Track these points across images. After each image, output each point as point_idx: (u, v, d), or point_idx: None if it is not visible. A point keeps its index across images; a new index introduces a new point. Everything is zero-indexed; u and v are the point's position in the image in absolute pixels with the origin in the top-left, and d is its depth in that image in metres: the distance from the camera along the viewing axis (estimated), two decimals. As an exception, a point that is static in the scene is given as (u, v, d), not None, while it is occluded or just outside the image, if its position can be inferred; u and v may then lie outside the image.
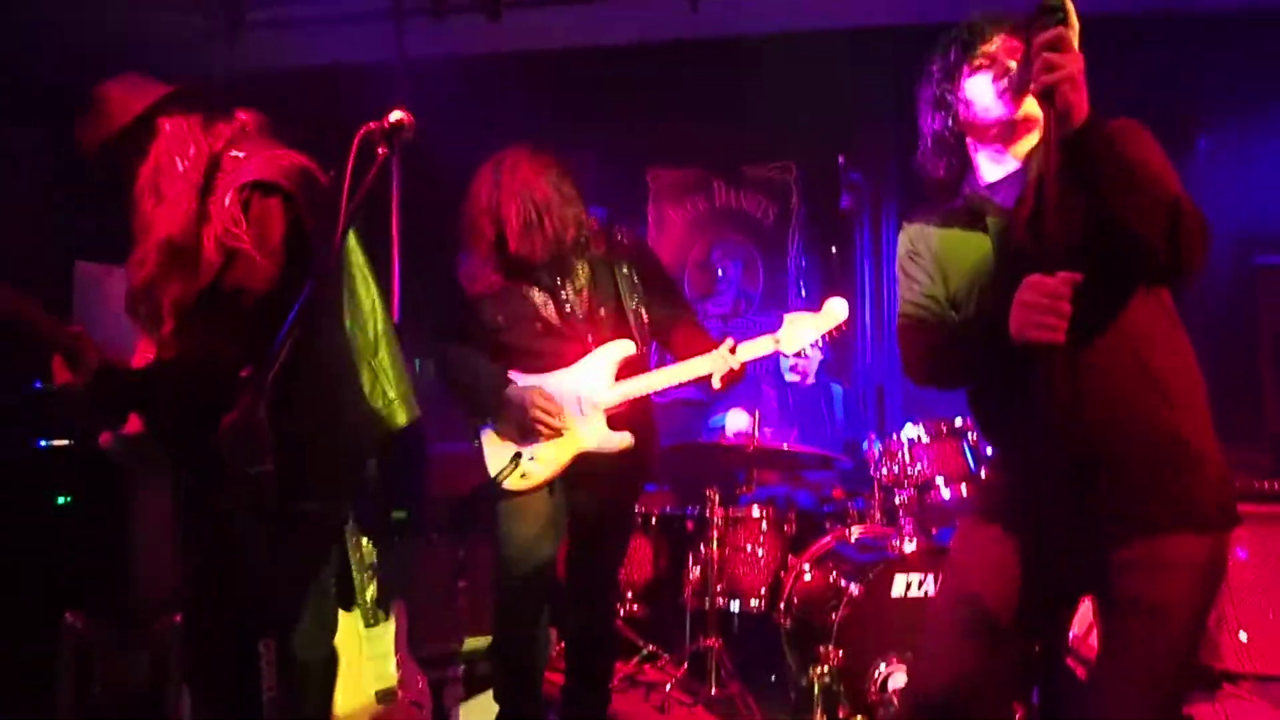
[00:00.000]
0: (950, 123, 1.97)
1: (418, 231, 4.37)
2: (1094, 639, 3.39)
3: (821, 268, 5.03)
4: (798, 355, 4.22)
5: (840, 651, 2.99)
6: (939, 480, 3.37)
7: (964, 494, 3.37)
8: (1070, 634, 3.32)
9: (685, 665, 3.59)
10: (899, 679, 2.95)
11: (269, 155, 2.05)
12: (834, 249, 5.01)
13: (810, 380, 4.40)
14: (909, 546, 3.11)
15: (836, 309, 2.68)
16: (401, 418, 2.16)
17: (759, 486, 3.85)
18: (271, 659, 1.54)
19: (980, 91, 1.91)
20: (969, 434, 3.46)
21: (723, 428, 4.14)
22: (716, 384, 2.66)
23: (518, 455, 2.73)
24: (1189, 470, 1.72)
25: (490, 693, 3.23)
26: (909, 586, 3.05)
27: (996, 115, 1.89)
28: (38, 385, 2.96)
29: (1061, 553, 1.77)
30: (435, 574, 3.57)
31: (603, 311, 2.78)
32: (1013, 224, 1.85)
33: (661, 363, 2.80)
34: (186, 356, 1.89)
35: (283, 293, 1.84)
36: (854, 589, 3.03)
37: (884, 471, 3.43)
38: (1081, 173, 1.66)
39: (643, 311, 2.82)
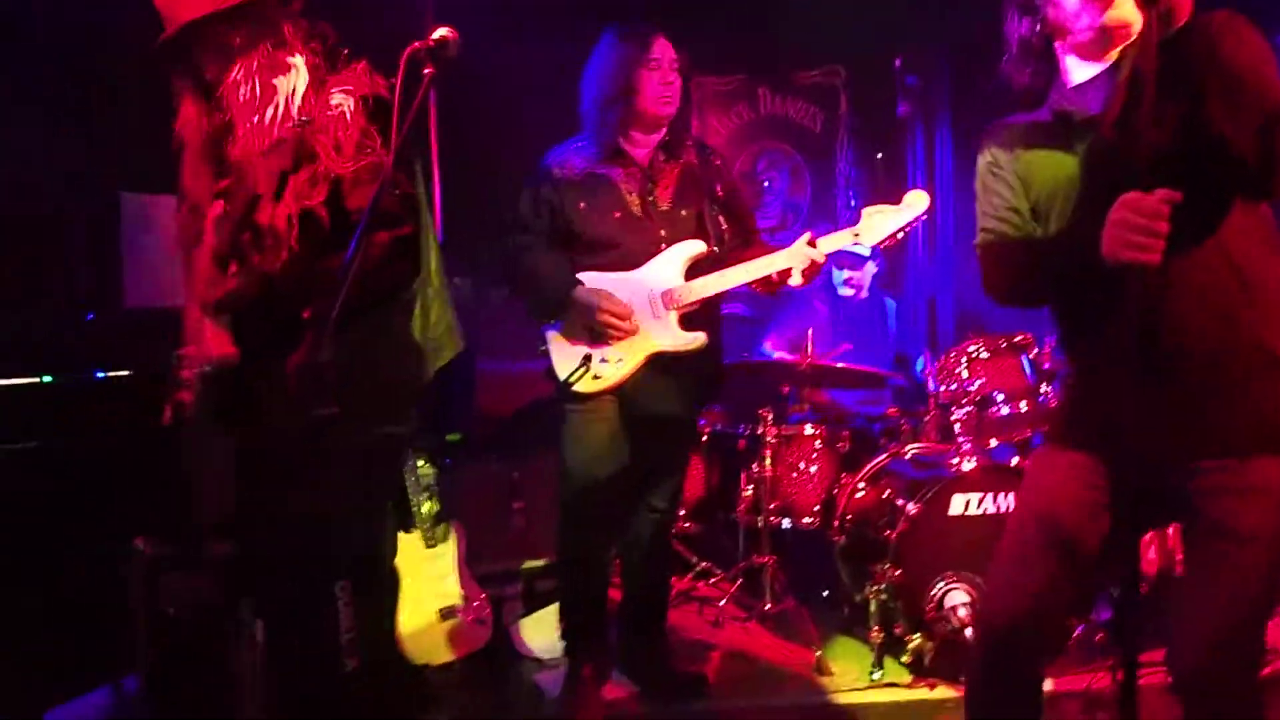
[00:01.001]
0: (1038, 26, 1.85)
1: (454, 144, 4.29)
2: (1152, 554, 3.36)
3: (871, 177, 4.87)
4: (855, 268, 4.19)
5: (898, 569, 2.98)
6: (998, 396, 3.30)
7: (1023, 410, 3.31)
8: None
9: (739, 581, 3.62)
10: (956, 596, 2.95)
11: (367, 72, 1.98)
12: (880, 154, 4.85)
13: (864, 294, 4.30)
14: (967, 465, 3.06)
15: (916, 201, 2.61)
16: (450, 348, 2.13)
17: (810, 406, 3.80)
18: (349, 601, 1.54)
19: None
20: (1029, 349, 3.38)
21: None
22: (797, 279, 2.63)
23: (588, 356, 2.71)
24: None
25: (551, 608, 3.29)
26: (967, 505, 3.01)
27: (1088, 19, 1.77)
28: (90, 317, 2.96)
29: (1146, 476, 1.72)
30: (490, 495, 3.60)
31: (683, 212, 2.79)
32: (1101, 125, 1.75)
33: None
34: (319, 274, 1.82)
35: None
36: (911, 507, 3.00)
37: (941, 389, 3.36)
38: (1179, 76, 1.56)
39: (721, 219, 2.82)
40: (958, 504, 3.02)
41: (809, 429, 3.65)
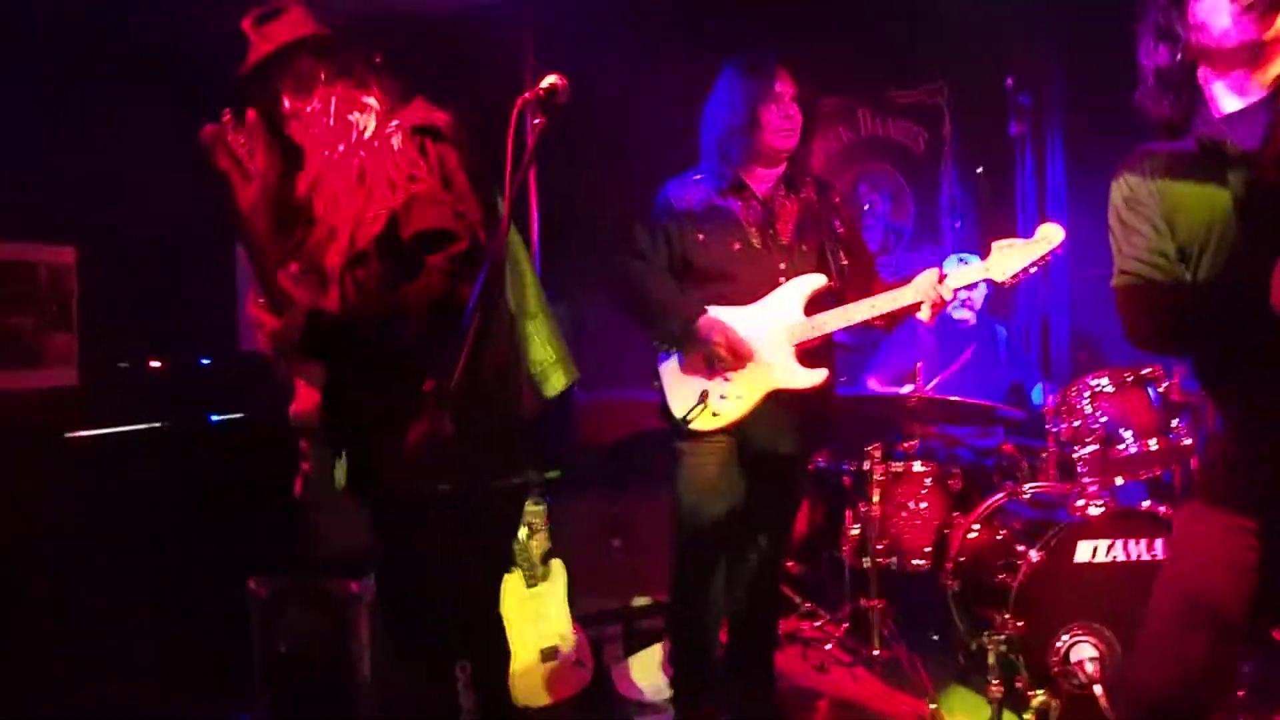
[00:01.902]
0: (1179, 54, 1.72)
1: (549, 167, 4.29)
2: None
3: (976, 199, 4.68)
4: (970, 289, 4.03)
5: (1019, 620, 2.82)
6: (1125, 433, 3.10)
7: (1152, 448, 3.10)
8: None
9: (845, 625, 3.49)
10: (1084, 650, 2.77)
11: (423, 106, 1.99)
12: (980, 169, 4.67)
13: (974, 320, 4.14)
14: (1094, 509, 2.88)
15: (1051, 234, 2.49)
16: (560, 381, 2.09)
17: (920, 442, 3.65)
18: (468, 682, 1.52)
19: (1217, 12, 1.65)
20: (1158, 382, 3.17)
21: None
22: (925, 315, 2.55)
23: (705, 393, 2.67)
24: None
25: (654, 648, 3.24)
26: (1094, 551, 2.84)
27: (1239, 39, 1.63)
28: (204, 361, 3.04)
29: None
30: (590, 532, 3.56)
31: (804, 247, 2.75)
32: (1261, 162, 1.61)
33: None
34: (379, 302, 1.85)
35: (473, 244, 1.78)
36: (1034, 554, 2.84)
37: (1063, 425, 3.18)
38: None
39: (841, 254, 2.77)
40: (1084, 551, 2.84)
41: (918, 466, 3.51)
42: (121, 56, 2.94)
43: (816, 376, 2.65)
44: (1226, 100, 1.71)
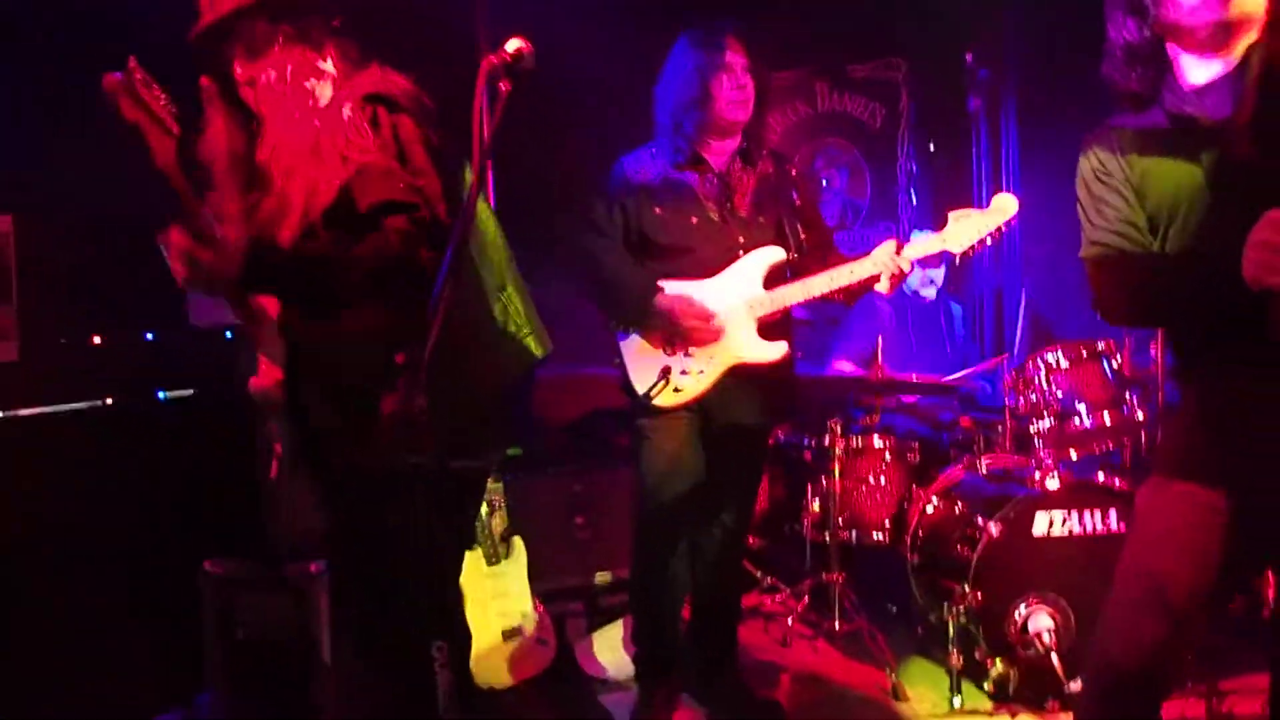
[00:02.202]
0: (1147, 29, 1.72)
1: (508, 144, 4.19)
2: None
3: (933, 174, 4.71)
4: (932, 265, 4.05)
5: (978, 592, 2.86)
6: (1080, 407, 3.16)
7: (1106, 422, 3.16)
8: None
9: (806, 598, 3.51)
10: (1041, 620, 2.83)
11: (379, 72, 1.92)
12: (932, 146, 4.69)
13: (935, 296, 4.17)
14: (1051, 483, 2.93)
15: (1005, 204, 2.53)
16: (536, 350, 2.04)
17: (880, 418, 3.67)
18: (444, 662, 1.48)
19: None
20: (1111, 356, 3.23)
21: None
22: (884, 287, 2.57)
23: (667, 368, 2.65)
24: None
25: (617, 625, 3.22)
26: (1051, 524, 2.89)
27: (1206, 16, 1.64)
28: (148, 336, 2.92)
29: (1274, 512, 1.60)
30: (551, 509, 3.53)
31: (761, 219, 2.74)
32: (1230, 134, 1.62)
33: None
34: (328, 248, 1.78)
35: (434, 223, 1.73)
36: (993, 527, 2.88)
37: (1019, 400, 3.23)
38: None
39: (798, 227, 2.77)
40: (1041, 523, 2.89)
41: (878, 441, 3.53)
42: (58, 23, 2.80)
43: (777, 350, 2.65)
44: (1195, 72, 1.71)
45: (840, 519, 3.43)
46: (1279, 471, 1.59)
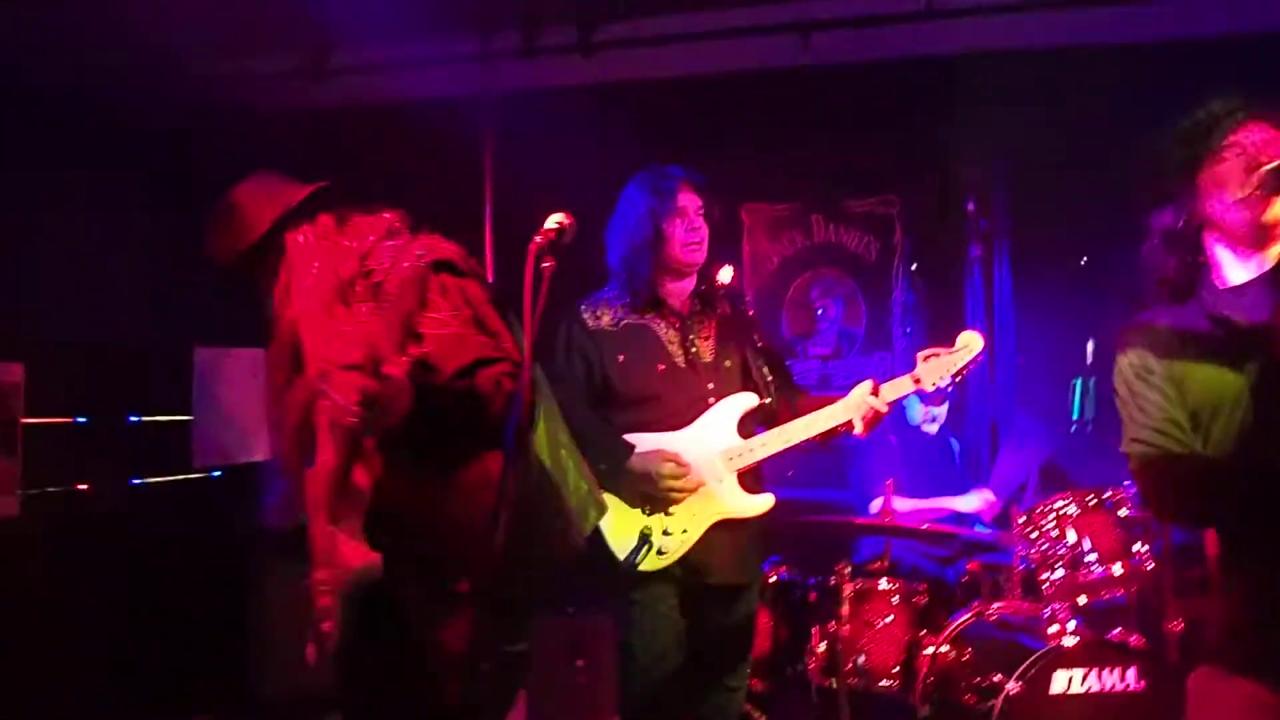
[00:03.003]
0: (1183, 219, 1.77)
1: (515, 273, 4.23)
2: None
3: (928, 307, 4.78)
4: (934, 403, 4.07)
5: (999, 754, 2.78)
6: (1091, 558, 3.14)
7: (1115, 573, 3.15)
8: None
9: (815, 748, 3.39)
10: (1061, 782, 2.75)
11: (433, 241, 1.91)
12: (914, 265, 4.75)
13: (936, 431, 4.19)
14: (1069, 640, 2.88)
15: (971, 342, 2.57)
16: (594, 516, 1.99)
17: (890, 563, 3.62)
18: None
19: (1225, 186, 1.71)
20: (1119, 506, 3.23)
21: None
22: (859, 428, 2.53)
23: (648, 530, 2.53)
24: None
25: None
26: (1070, 682, 2.83)
27: (1243, 216, 1.69)
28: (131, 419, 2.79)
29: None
30: (549, 652, 3.41)
31: (728, 363, 2.68)
32: (1269, 337, 1.64)
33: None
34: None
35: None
36: (1012, 686, 2.82)
37: (1031, 551, 3.21)
38: None
39: (765, 370, 2.70)
40: (1060, 681, 2.84)
41: (884, 583, 3.47)
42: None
43: (764, 503, 2.60)
44: (1233, 271, 1.75)
45: (848, 665, 3.34)
46: None
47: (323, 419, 1.70)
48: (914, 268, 4.80)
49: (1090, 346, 4.60)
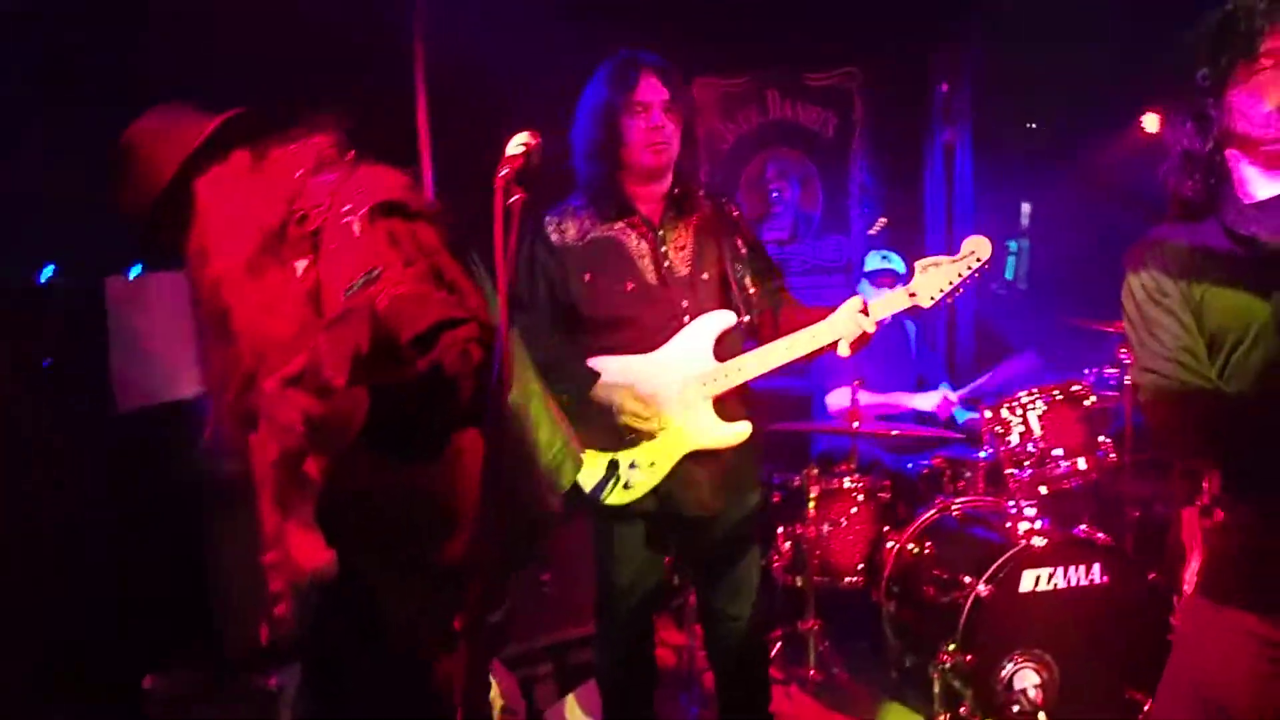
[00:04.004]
0: (1210, 137, 1.62)
1: (448, 149, 3.92)
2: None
3: (886, 187, 4.62)
4: (886, 285, 3.95)
5: (967, 654, 2.81)
6: (1057, 453, 3.15)
7: (1080, 467, 3.16)
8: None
9: (779, 644, 3.42)
10: (1027, 677, 2.80)
11: (374, 174, 1.65)
12: (875, 154, 4.58)
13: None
14: (1038, 540, 2.88)
15: (978, 248, 2.26)
16: (571, 471, 1.83)
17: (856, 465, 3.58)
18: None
19: (1259, 101, 1.56)
20: (1084, 398, 3.22)
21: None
22: (845, 350, 2.32)
23: (615, 463, 2.39)
24: None
25: (591, 684, 3.06)
26: (1038, 581, 2.85)
27: (1278, 133, 1.55)
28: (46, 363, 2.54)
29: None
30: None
31: (705, 276, 2.44)
32: None
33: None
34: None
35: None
36: (982, 588, 2.83)
37: (1000, 448, 3.19)
38: None
39: (747, 281, 2.47)
40: (1028, 580, 2.85)
41: (848, 481, 3.44)
42: None
43: (739, 432, 2.38)
44: (1259, 185, 1.62)
45: (814, 563, 3.34)
46: None
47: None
48: (873, 146, 4.61)
49: (1026, 208, 4.54)
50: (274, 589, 1.48)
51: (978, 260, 2.27)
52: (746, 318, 2.43)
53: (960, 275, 2.28)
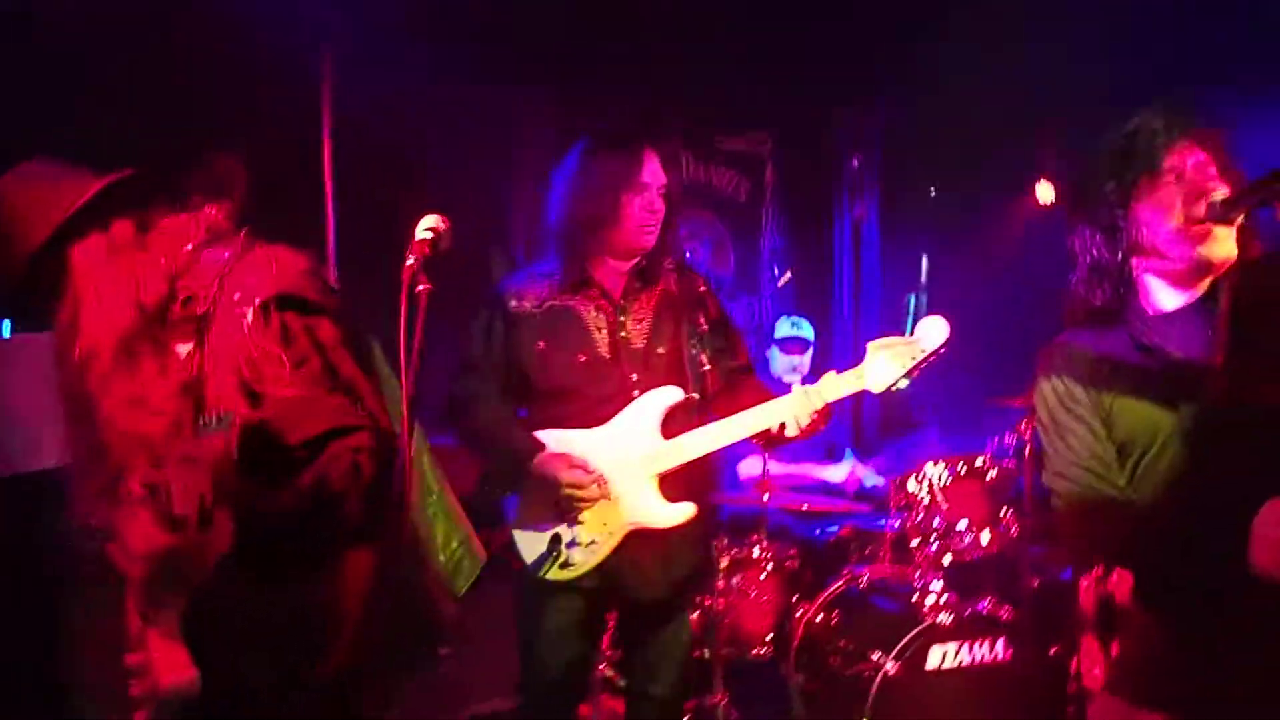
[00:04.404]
0: (1118, 249, 1.66)
1: (351, 200, 3.81)
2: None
3: (797, 250, 4.69)
4: (797, 352, 3.97)
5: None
6: (961, 526, 3.20)
7: (983, 542, 3.21)
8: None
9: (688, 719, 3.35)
10: (934, 753, 2.81)
11: (271, 256, 1.54)
12: (788, 274, 4.62)
13: (799, 381, 4.12)
14: (944, 616, 2.90)
15: (934, 332, 2.18)
16: (472, 568, 1.73)
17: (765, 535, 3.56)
18: None
19: (1164, 217, 1.61)
20: (986, 472, 3.29)
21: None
22: (793, 431, 2.25)
23: (556, 538, 2.31)
24: None
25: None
26: (944, 657, 2.87)
27: (1182, 248, 1.60)
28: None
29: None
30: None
31: (660, 350, 2.39)
32: (1203, 375, 1.57)
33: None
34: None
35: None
36: (890, 666, 2.82)
37: (907, 522, 3.23)
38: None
39: (703, 358, 2.41)
40: (934, 656, 2.87)
41: (757, 551, 3.42)
42: None
43: (682, 512, 2.30)
44: (1164, 296, 1.66)
45: (724, 635, 3.29)
46: (1257, 710, 1.54)
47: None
48: (785, 210, 4.67)
49: (924, 262, 4.66)
50: (134, 693, 1.34)
51: (930, 345, 2.20)
52: (696, 395, 2.37)
53: (914, 359, 2.21)
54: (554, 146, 2.46)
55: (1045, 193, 4.45)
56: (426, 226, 1.46)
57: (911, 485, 3.27)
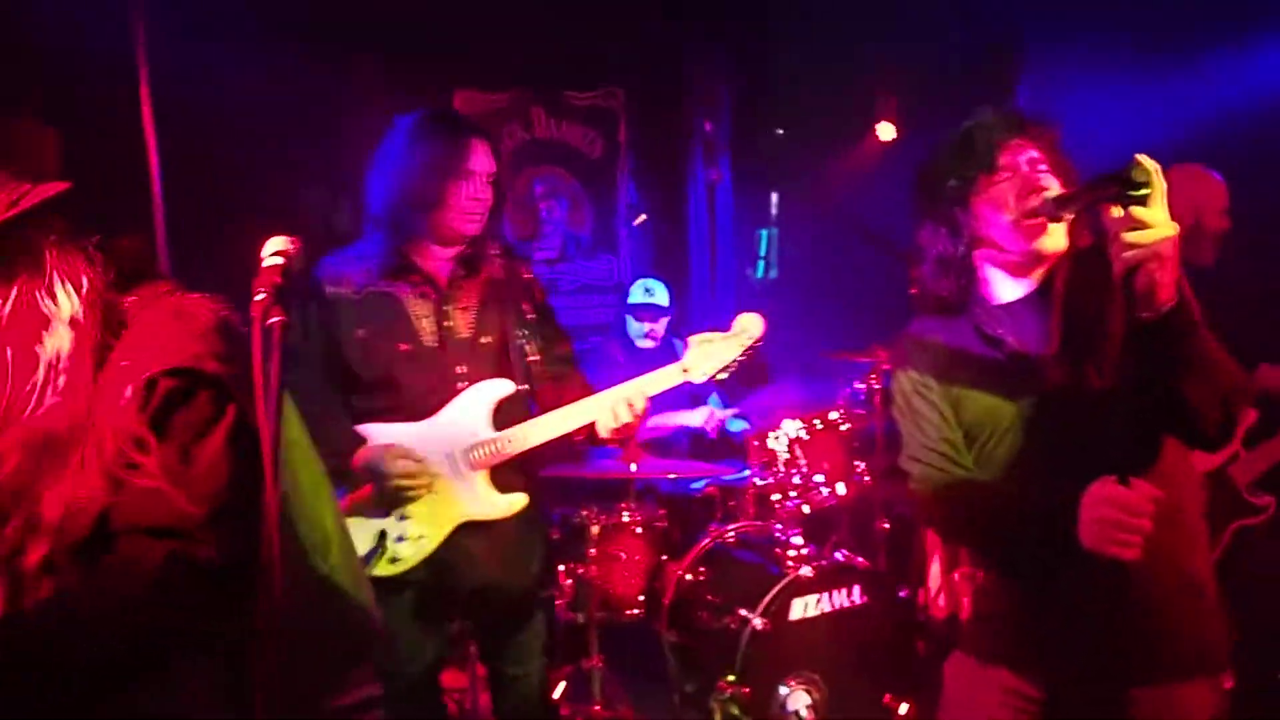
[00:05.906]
0: (960, 243, 1.75)
1: (179, 175, 3.56)
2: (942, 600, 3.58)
3: (655, 208, 4.70)
4: (649, 320, 4.02)
5: (745, 687, 2.93)
6: (818, 479, 3.35)
7: (840, 492, 3.38)
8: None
9: (565, 684, 3.42)
10: (799, 699, 2.97)
11: (175, 310, 1.36)
12: (643, 217, 4.62)
13: (655, 345, 4.18)
14: (805, 570, 3.04)
15: (750, 326, 2.28)
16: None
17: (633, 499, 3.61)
18: None
19: (1000, 212, 1.70)
20: (841, 424, 3.44)
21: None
22: (604, 432, 2.27)
23: (383, 534, 2.28)
24: (1209, 615, 1.70)
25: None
26: (806, 607, 3.02)
27: (1018, 241, 1.70)
28: None
29: (1083, 700, 1.71)
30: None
31: (485, 340, 2.36)
32: (1039, 363, 1.69)
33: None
34: (78, 602, 1.25)
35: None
36: (758, 622, 2.95)
37: (768, 479, 3.35)
38: (1149, 348, 1.51)
39: (529, 348, 2.41)
40: (798, 608, 3.02)
41: (626, 515, 3.48)
42: None
43: (513, 503, 2.32)
44: (1004, 287, 1.76)
45: (597, 599, 3.36)
46: (1089, 666, 1.70)
47: None
48: (640, 166, 4.67)
49: (774, 198, 4.79)
50: None
51: (750, 339, 2.28)
52: (523, 386, 2.37)
53: (733, 354, 2.28)
54: (385, 113, 2.36)
55: (886, 131, 4.58)
56: (274, 251, 1.32)
57: (771, 442, 3.38)
